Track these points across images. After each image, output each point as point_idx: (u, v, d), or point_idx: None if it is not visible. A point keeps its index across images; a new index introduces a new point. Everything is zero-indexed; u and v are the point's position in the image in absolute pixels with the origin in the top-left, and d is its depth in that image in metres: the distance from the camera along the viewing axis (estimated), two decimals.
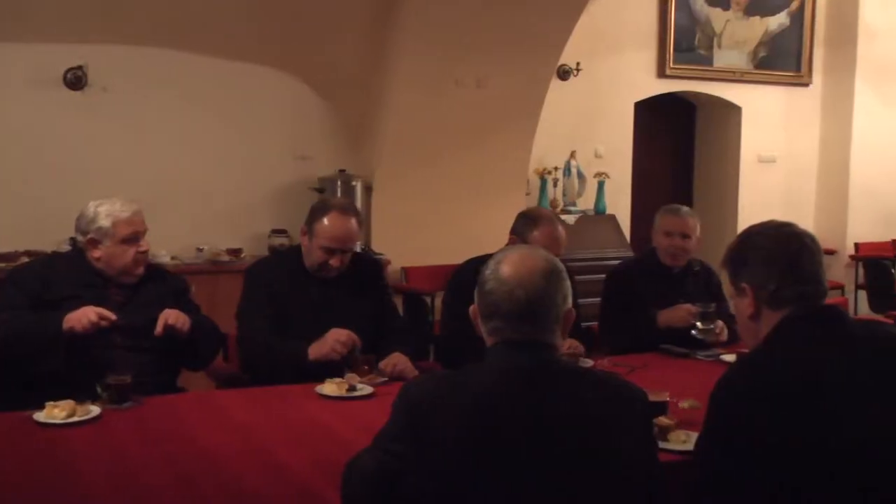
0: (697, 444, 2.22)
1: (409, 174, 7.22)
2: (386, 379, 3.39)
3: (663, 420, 2.72)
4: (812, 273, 2.22)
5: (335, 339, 3.43)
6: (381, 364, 3.48)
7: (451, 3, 6.60)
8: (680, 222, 4.34)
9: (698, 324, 3.93)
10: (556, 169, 8.22)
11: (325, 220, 3.64)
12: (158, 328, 3.34)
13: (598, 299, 4.51)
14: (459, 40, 6.81)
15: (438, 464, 1.93)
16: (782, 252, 2.23)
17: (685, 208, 4.45)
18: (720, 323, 4.01)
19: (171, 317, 3.37)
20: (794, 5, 9.57)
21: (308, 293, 3.70)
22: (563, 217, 7.63)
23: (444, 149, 7.24)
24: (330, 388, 3.21)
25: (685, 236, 4.32)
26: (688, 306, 4.07)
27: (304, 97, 7.20)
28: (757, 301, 2.25)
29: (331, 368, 3.37)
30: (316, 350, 3.45)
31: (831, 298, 2.59)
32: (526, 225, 3.90)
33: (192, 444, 2.69)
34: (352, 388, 3.22)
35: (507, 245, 3.91)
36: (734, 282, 2.32)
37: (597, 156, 8.67)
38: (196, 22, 6.59)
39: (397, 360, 3.50)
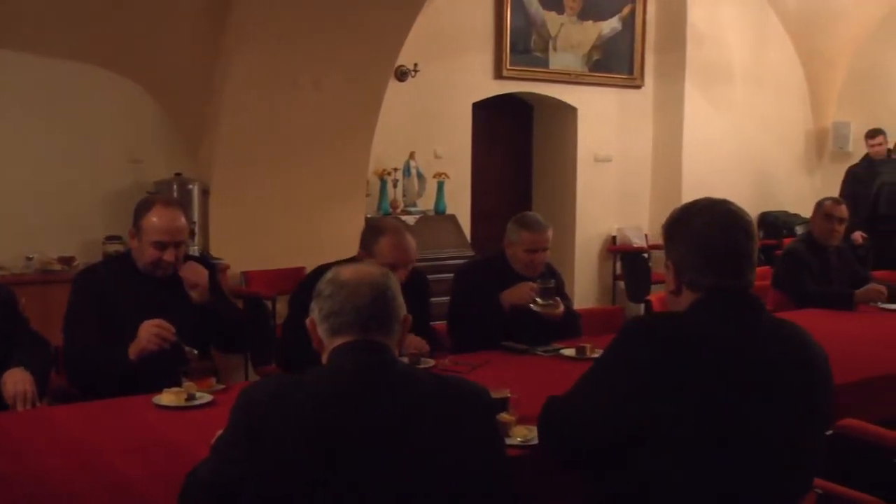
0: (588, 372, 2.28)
1: (248, 177, 7.12)
2: (224, 386, 3.33)
3: (505, 416, 2.74)
4: (734, 269, 2.24)
5: (147, 331, 3.34)
6: None
7: (286, 3, 6.54)
8: (541, 238, 4.35)
9: (538, 299, 4.14)
10: (395, 170, 8.24)
11: (152, 216, 3.55)
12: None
13: (441, 299, 4.52)
14: (295, 41, 6.75)
15: (276, 467, 1.90)
16: (706, 245, 2.25)
17: (540, 219, 4.41)
18: (558, 298, 4.20)
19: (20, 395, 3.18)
20: (626, 11, 9.84)
21: (140, 297, 3.58)
22: (404, 218, 7.68)
23: (282, 151, 7.16)
24: (168, 398, 3.12)
25: (545, 249, 4.39)
26: (529, 284, 4.19)
27: (137, 99, 7.02)
28: (678, 280, 2.30)
29: (166, 377, 3.26)
30: (134, 348, 3.35)
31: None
32: (371, 236, 3.82)
33: (23, 465, 2.56)
34: (190, 398, 3.15)
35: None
36: (665, 253, 2.37)
37: (436, 156, 8.72)
38: (25, 20, 6.33)
39: None
